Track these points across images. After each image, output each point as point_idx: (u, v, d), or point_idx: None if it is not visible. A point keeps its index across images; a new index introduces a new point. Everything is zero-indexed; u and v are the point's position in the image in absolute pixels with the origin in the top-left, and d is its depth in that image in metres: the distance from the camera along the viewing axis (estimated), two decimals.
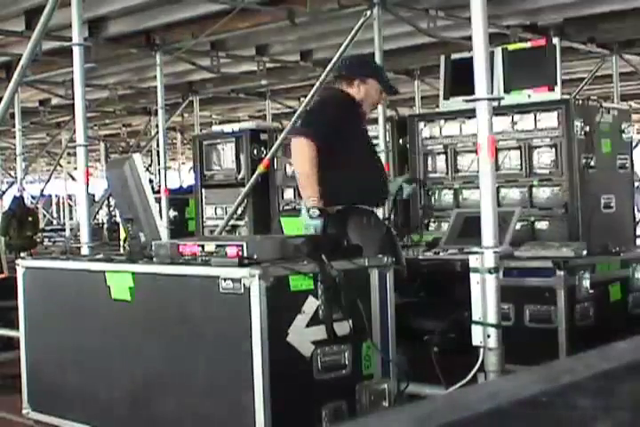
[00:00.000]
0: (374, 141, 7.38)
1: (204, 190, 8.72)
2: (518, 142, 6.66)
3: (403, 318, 3.56)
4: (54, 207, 25.68)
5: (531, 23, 8.67)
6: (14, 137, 12.33)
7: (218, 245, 3.29)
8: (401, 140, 7.51)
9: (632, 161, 5.96)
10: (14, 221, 9.48)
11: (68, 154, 16.86)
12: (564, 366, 1.16)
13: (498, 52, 6.75)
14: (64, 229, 18.39)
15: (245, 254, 3.16)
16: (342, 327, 3.24)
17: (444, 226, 6.17)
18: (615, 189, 5.62)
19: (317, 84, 7.99)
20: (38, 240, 11.19)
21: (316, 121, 4.16)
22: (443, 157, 7.19)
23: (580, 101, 6.86)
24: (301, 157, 4.03)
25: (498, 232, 3.34)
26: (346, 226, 4.12)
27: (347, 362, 3.28)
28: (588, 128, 6.43)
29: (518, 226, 5.01)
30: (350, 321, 3.26)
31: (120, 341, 3.58)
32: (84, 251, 4.81)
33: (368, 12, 7.21)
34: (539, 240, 5.14)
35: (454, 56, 7.20)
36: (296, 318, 3.13)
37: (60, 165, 18.14)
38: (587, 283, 4.33)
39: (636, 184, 8.34)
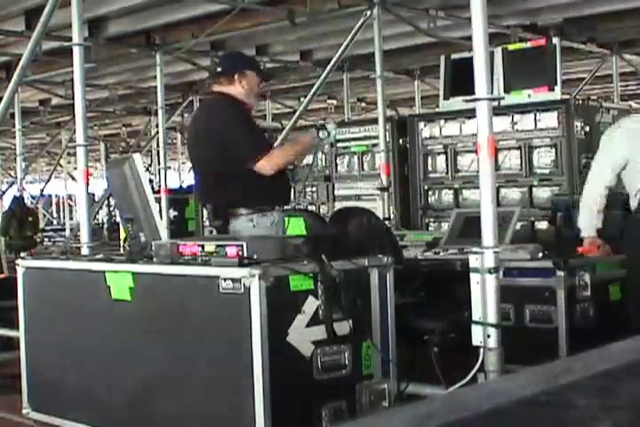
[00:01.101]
0: (374, 141, 7.41)
1: None
2: (518, 142, 6.67)
3: (403, 318, 3.56)
4: (54, 207, 25.69)
5: (531, 23, 8.68)
6: (14, 137, 12.33)
7: (218, 245, 3.29)
8: (401, 140, 7.51)
9: None
10: (14, 221, 9.47)
11: (68, 154, 16.85)
12: (563, 366, 1.16)
13: (498, 52, 6.76)
14: (64, 229, 18.40)
15: (245, 254, 3.16)
16: (342, 327, 3.24)
17: (444, 226, 6.18)
18: None
19: (317, 83, 7.99)
20: (38, 240, 11.18)
21: (258, 145, 4.11)
22: (443, 157, 7.20)
23: (580, 101, 6.87)
24: (276, 164, 4.05)
25: (498, 232, 3.34)
26: (346, 226, 4.13)
27: (347, 362, 3.28)
28: (588, 128, 6.45)
29: (518, 226, 5.01)
30: (350, 321, 3.26)
31: (120, 341, 3.58)
32: (84, 251, 4.81)
33: (368, 12, 7.22)
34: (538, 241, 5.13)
35: (454, 56, 7.21)
36: (296, 318, 3.13)
37: (60, 165, 18.14)
38: (587, 283, 4.33)
39: None
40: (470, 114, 5.55)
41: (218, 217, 4.17)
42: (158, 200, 8.31)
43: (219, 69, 4.38)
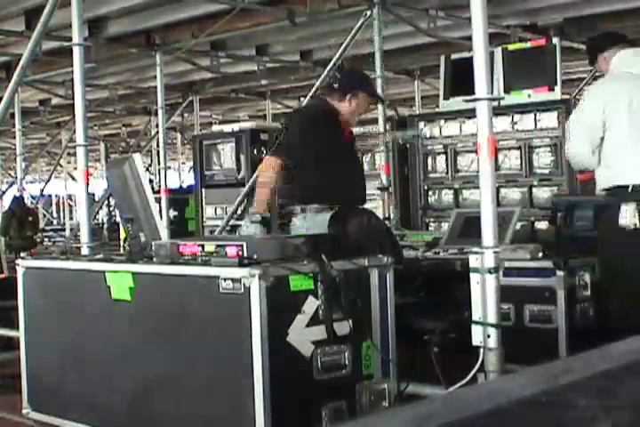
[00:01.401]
0: (374, 142, 7.41)
1: (203, 190, 8.72)
2: (518, 142, 6.67)
3: (403, 318, 3.56)
4: (54, 207, 25.68)
5: (531, 23, 8.67)
6: (14, 137, 12.33)
7: (218, 245, 3.29)
8: (401, 140, 7.50)
9: None
10: (14, 221, 9.47)
11: (68, 154, 16.85)
12: (563, 366, 1.17)
13: (498, 52, 6.76)
14: (64, 229, 18.39)
15: (245, 254, 3.16)
16: (342, 327, 3.24)
17: (444, 226, 6.18)
18: None
19: (317, 83, 7.99)
20: (38, 240, 11.17)
21: (288, 142, 4.36)
22: (443, 157, 7.20)
23: None
24: (264, 171, 4.39)
25: (498, 232, 3.33)
26: (346, 226, 4.13)
27: (347, 362, 3.28)
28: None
29: (518, 226, 5.01)
30: (350, 321, 3.26)
31: (120, 341, 3.58)
32: (84, 251, 4.81)
33: (368, 12, 7.21)
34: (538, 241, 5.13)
35: (454, 56, 7.21)
36: (296, 318, 3.13)
37: (60, 165, 18.14)
38: (587, 283, 4.34)
39: None
40: (470, 114, 5.55)
41: (281, 215, 4.36)
42: (158, 200, 8.31)
43: (335, 85, 4.57)
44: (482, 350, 3.29)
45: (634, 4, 8.01)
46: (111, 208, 15.49)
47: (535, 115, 6.59)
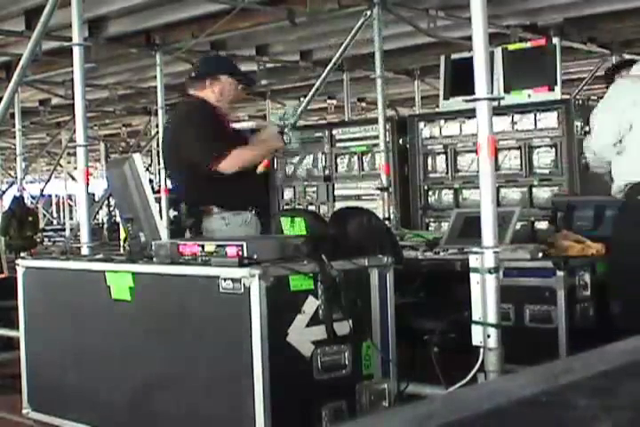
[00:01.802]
0: (374, 142, 7.42)
1: None
2: (518, 142, 6.68)
3: (403, 318, 3.56)
4: (54, 207, 25.69)
5: (531, 23, 8.68)
6: (14, 137, 12.33)
7: (218, 245, 3.29)
8: (401, 140, 7.51)
9: None
10: (14, 221, 9.47)
11: (68, 154, 16.85)
12: (563, 366, 1.17)
13: (498, 52, 6.76)
14: (64, 229, 18.39)
15: (245, 254, 3.16)
16: (342, 327, 3.24)
17: (444, 226, 6.18)
18: None
19: (317, 83, 7.99)
20: (38, 240, 11.17)
21: (210, 147, 4.13)
22: (443, 157, 7.21)
23: (580, 101, 6.87)
24: (242, 163, 4.14)
25: (498, 232, 3.33)
26: (346, 226, 4.13)
27: (347, 362, 3.28)
28: (587, 128, 6.44)
29: (518, 226, 5.01)
30: (350, 321, 3.26)
31: (120, 341, 3.58)
32: (84, 251, 4.81)
33: (368, 12, 7.22)
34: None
35: (454, 56, 7.22)
36: (296, 318, 3.13)
37: (60, 165, 18.13)
38: (587, 283, 4.33)
39: None
40: (470, 114, 5.55)
41: (190, 215, 4.24)
42: (158, 200, 8.30)
43: (192, 74, 4.42)
44: (482, 350, 3.29)
45: (634, 4, 8.01)
46: (111, 208, 15.50)
47: (535, 115, 6.60)
